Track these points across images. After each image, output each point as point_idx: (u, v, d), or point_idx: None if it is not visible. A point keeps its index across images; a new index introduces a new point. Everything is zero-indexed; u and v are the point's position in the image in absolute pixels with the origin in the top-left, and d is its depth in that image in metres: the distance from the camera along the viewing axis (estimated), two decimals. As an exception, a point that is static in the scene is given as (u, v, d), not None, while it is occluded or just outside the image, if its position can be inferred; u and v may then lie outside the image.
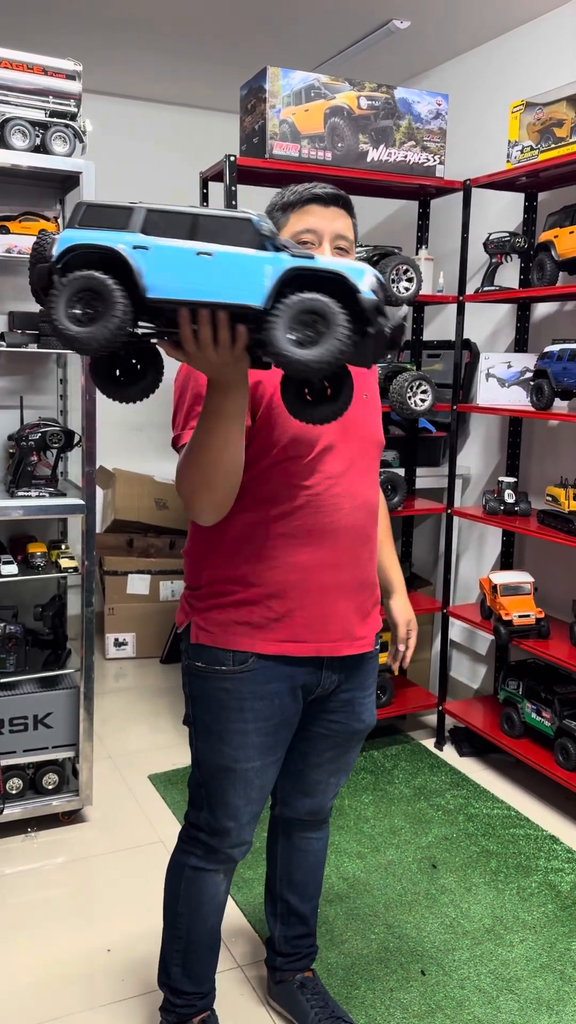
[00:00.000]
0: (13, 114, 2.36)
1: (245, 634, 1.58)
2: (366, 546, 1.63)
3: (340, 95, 2.92)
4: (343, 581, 1.59)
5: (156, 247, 1.14)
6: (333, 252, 1.53)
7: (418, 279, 3.03)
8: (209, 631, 1.61)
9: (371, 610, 1.68)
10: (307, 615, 1.57)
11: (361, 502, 1.59)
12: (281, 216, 1.55)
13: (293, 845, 1.91)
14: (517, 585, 3.04)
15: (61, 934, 2.25)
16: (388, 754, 3.28)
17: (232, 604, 1.58)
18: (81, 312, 1.13)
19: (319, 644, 1.60)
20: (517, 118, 2.91)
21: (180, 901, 1.76)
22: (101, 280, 1.12)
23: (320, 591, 1.57)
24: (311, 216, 1.52)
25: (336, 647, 1.61)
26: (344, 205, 1.55)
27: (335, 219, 1.53)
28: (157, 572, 4.26)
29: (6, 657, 2.59)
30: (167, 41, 3.59)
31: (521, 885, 2.49)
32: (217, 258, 1.14)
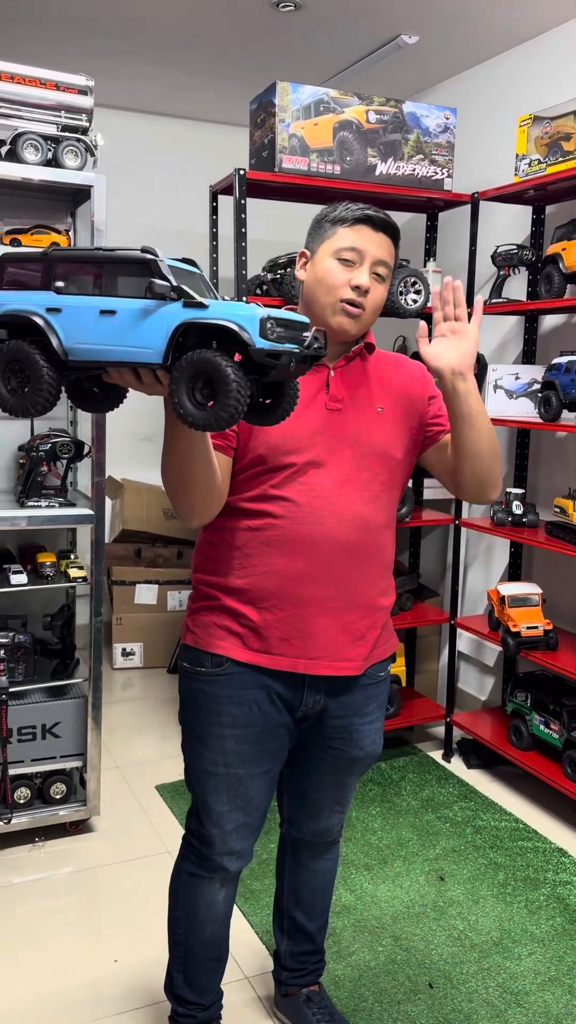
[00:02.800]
0: (26, 128, 2.39)
1: (223, 638, 1.60)
2: (358, 564, 1.58)
3: (349, 109, 2.94)
4: (324, 596, 1.56)
5: (68, 308, 1.18)
6: (371, 277, 1.53)
7: (426, 291, 3.05)
8: (193, 632, 1.65)
9: (365, 633, 1.62)
10: (285, 628, 1.56)
11: (351, 517, 1.55)
12: (329, 228, 1.56)
13: (301, 865, 1.91)
14: (525, 596, 3.04)
15: (68, 944, 2.25)
16: (395, 766, 3.28)
17: (215, 608, 1.61)
18: (16, 382, 1.20)
19: (295, 660, 1.57)
20: (525, 132, 2.93)
21: (178, 907, 1.77)
22: (25, 353, 1.18)
23: (298, 604, 1.55)
24: (358, 236, 1.53)
25: (314, 665, 1.58)
26: (392, 234, 1.57)
27: (380, 245, 1.54)
28: (165, 582, 4.27)
29: (15, 666, 2.60)
30: (177, 56, 3.62)
31: (529, 898, 2.48)
32: (119, 316, 1.16)
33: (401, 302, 3.00)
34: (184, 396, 1.16)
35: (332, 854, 1.92)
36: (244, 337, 1.14)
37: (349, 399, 1.59)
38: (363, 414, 1.59)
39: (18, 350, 1.18)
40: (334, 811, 1.81)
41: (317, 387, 1.58)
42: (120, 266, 1.17)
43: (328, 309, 1.54)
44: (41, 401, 1.19)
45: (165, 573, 4.28)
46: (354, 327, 1.56)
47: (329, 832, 1.85)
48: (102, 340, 1.17)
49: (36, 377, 1.18)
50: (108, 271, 1.18)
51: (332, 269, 1.53)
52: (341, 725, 1.68)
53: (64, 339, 1.18)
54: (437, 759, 3.34)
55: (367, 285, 1.53)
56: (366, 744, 1.72)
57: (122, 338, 1.17)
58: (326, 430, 1.55)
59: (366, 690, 1.68)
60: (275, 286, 3.04)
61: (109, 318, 1.17)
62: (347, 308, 1.53)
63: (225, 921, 1.80)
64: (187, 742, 1.69)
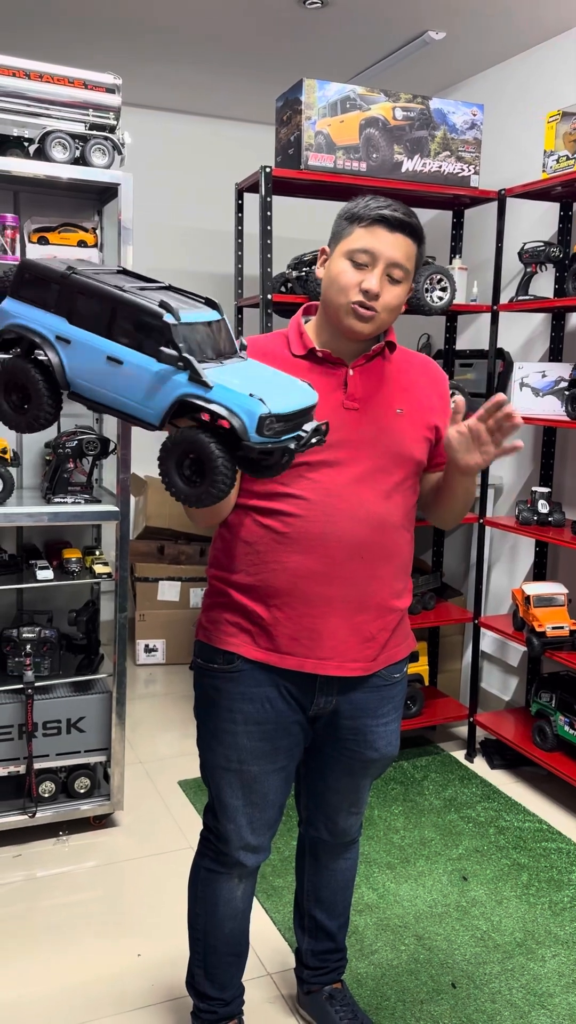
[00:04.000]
0: (54, 127, 2.40)
1: (234, 635, 1.60)
2: (371, 564, 1.56)
3: (375, 106, 2.93)
4: (335, 596, 1.55)
5: (76, 341, 1.17)
6: (384, 279, 1.50)
7: (452, 288, 3.03)
8: (206, 628, 1.65)
9: (376, 635, 1.60)
10: (294, 627, 1.55)
11: (365, 517, 1.54)
12: (347, 226, 1.53)
13: (320, 864, 1.90)
14: (550, 596, 3.02)
15: (91, 937, 2.27)
16: (418, 765, 3.27)
17: (226, 605, 1.61)
18: (16, 398, 1.21)
19: (304, 659, 1.56)
20: (553, 128, 2.90)
21: (197, 902, 1.78)
22: (30, 376, 1.19)
23: (309, 603, 1.54)
24: (372, 237, 1.49)
25: (323, 665, 1.57)
26: (411, 233, 1.51)
27: (396, 246, 1.49)
28: (187, 579, 4.29)
29: (41, 661, 2.62)
30: (204, 54, 3.63)
31: (553, 899, 2.46)
32: (125, 368, 1.15)
33: (427, 299, 2.99)
34: (172, 470, 1.16)
35: (351, 853, 1.91)
36: (239, 432, 1.13)
37: (367, 399, 1.57)
38: (382, 415, 1.57)
39: (21, 371, 1.19)
40: (350, 812, 1.80)
41: (335, 386, 1.56)
42: (136, 314, 1.15)
43: (341, 310, 1.53)
44: (40, 422, 1.22)
45: (188, 570, 4.30)
46: (366, 328, 1.53)
47: (347, 832, 1.84)
48: (104, 385, 1.17)
49: (36, 399, 1.20)
50: (123, 313, 1.15)
51: (344, 270, 1.51)
52: (354, 726, 1.66)
53: (68, 370, 1.18)
54: (460, 759, 3.33)
55: (376, 290, 1.49)
56: (381, 746, 1.70)
57: (123, 389, 1.16)
58: (342, 429, 1.52)
59: (379, 691, 1.66)
60: (300, 283, 3.04)
61: (115, 366, 1.16)
62: (358, 311, 1.51)
63: (244, 916, 1.80)
64: (201, 738, 1.69)
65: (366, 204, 1.51)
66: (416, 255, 1.54)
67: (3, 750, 2.58)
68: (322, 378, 1.54)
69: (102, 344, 1.16)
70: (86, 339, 1.17)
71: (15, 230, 2.48)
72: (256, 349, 1.58)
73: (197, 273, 4.57)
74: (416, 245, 1.53)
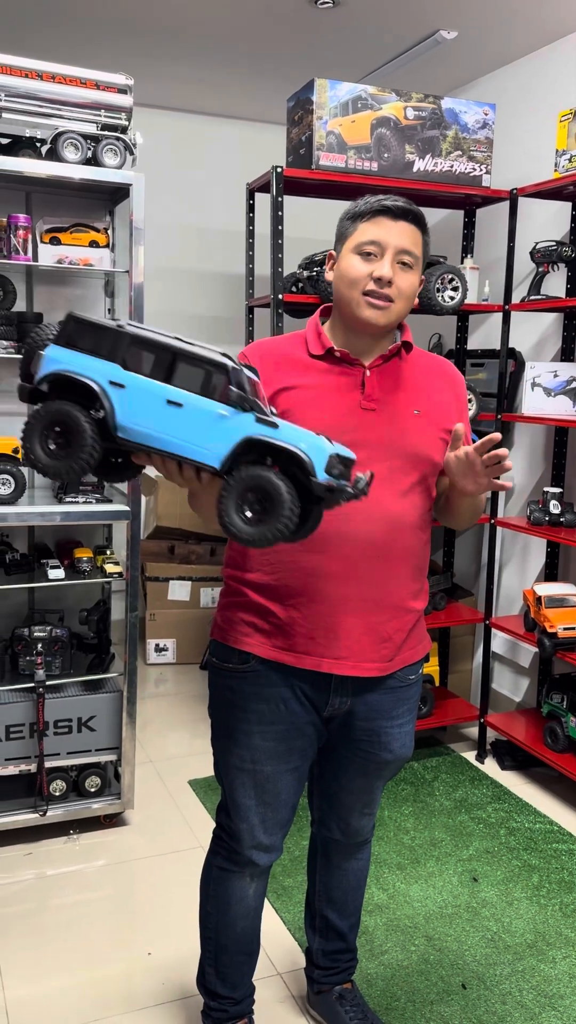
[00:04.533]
0: (66, 128, 2.41)
1: (249, 635, 1.60)
2: (387, 564, 1.56)
3: (387, 106, 2.93)
4: (351, 595, 1.55)
5: (132, 386, 1.17)
6: (395, 266, 1.50)
7: (463, 288, 3.02)
8: (221, 627, 1.66)
9: (392, 635, 1.60)
10: (310, 627, 1.55)
11: (381, 517, 1.53)
12: (350, 225, 1.54)
13: (332, 864, 1.90)
14: (562, 597, 3.01)
15: (102, 936, 2.27)
16: (428, 766, 3.26)
17: (242, 604, 1.62)
18: (54, 444, 1.18)
19: (320, 659, 1.56)
20: (565, 127, 2.89)
21: (209, 901, 1.79)
22: (74, 418, 1.16)
23: (324, 602, 1.54)
24: (377, 228, 1.50)
25: (339, 665, 1.57)
26: (414, 220, 1.52)
27: (402, 234, 1.51)
28: (198, 579, 4.29)
29: (52, 660, 2.63)
30: (215, 54, 3.63)
31: (564, 901, 2.45)
32: (186, 410, 1.16)
33: (438, 299, 2.99)
34: (232, 508, 1.16)
35: (363, 854, 1.91)
36: (309, 468, 1.16)
37: (385, 400, 1.57)
38: (399, 415, 1.57)
39: (67, 414, 1.17)
40: (363, 813, 1.80)
41: (352, 386, 1.56)
42: (198, 362, 1.17)
43: (353, 303, 1.52)
44: (78, 468, 1.18)
45: (198, 570, 4.30)
46: (383, 318, 1.52)
47: (359, 833, 1.84)
48: (161, 429, 1.17)
49: (80, 444, 1.16)
50: (185, 361, 1.17)
51: (354, 263, 1.52)
52: (369, 728, 1.66)
53: (119, 415, 1.17)
54: (470, 760, 3.32)
55: (389, 275, 1.49)
56: (395, 747, 1.70)
57: (183, 432, 1.17)
58: (359, 430, 1.52)
59: (395, 693, 1.66)
60: (311, 283, 3.04)
61: (175, 409, 1.16)
62: (371, 300, 1.51)
63: (256, 915, 1.81)
64: (215, 737, 1.70)
65: (366, 201, 1.53)
66: (422, 243, 1.55)
67: (14, 749, 2.59)
68: (339, 378, 1.55)
69: (161, 389, 1.16)
70: (143, 384, 1.17)
71: (27, 230, 2.49)
72: (270, 353, 1.59)
73: (208, 273, 4.58)
74: (421, 232, 1.54)
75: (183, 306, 4.49)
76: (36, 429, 1.18)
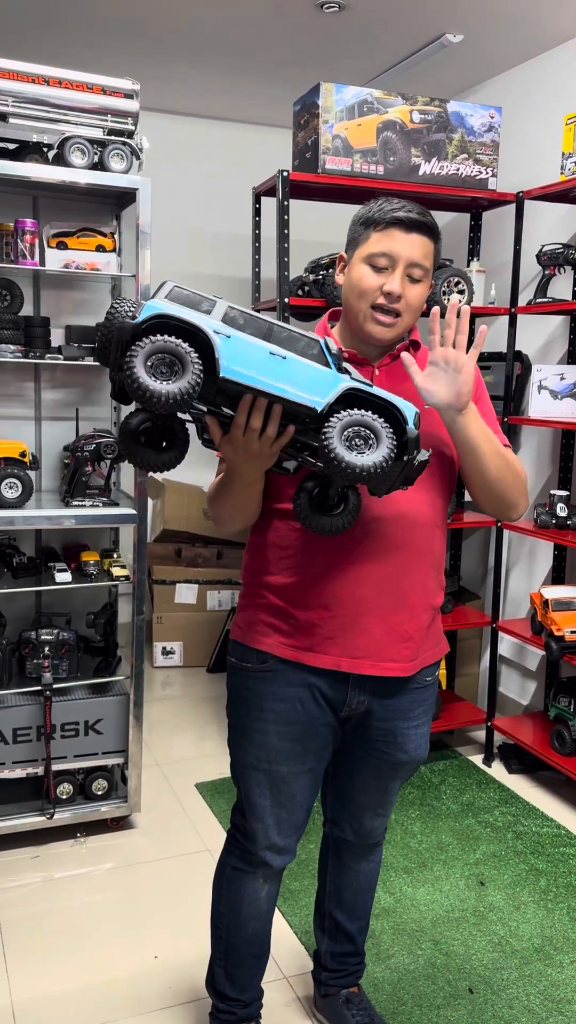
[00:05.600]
0: (73, 132, 2.42)
1: (268, 635, 1.61)
2: (404, 563, 1.56)
3: (393, 109, 2.93)
4: (367, 596, 1.55)
5: (236, 337, 1.25)
6: (405, 280, 1.50)
7: (470, 291, 3.02)
8: (240, 627, 1.67)
9: (412, 635, 1.59)
10: (329, 626, 1.56)
11: (395, 516, 1.53)
12: (362, 232, 1.53)
13: (343, 865, 1.90)
14: (569, 600, 3.00)
15: (109, 939, 2.27)
16: (435, 769, 3.25)
17: (261, 606, 1.63)
18: (157, 371, 1.22)
19: (339, 658, 1.57)
20: (571, 130, 2.89)
21: (221, 900, 1.79)
22: (181, 347, 1.21)
23: (343, 603, 1.55)
24: (390, 240, 1.49)
25: (357, 664, 1.57)
26: (427, 232, 1.51)
27: (414, 246, 1.50)
28: (204, 582, 4.29)
29: (59, 663, 2.63)
30: (221, 58, 3.64)
31: (571, 905, 2.44)
32: (288, 361, 1.27)
33: (444, 302, 2.98)
34: (338, 444, 1.26)
35: (375, 856, 1.91)
36: (403, 418, 1.31)
37: None
38: None
39: (175, 345, 1.21)
40: (377, 814, 1.80)
41: None
42: (291, 334, 1.30)
43: (361, 315, 1.53)
44: (181, 392, 1.20)
45: (205, 573, 4.30)
46: (390, 333, 1.53)
47: (372, 834, 1.84)
48: (264, 373, 1.25)
49: (185, 366, 1.21)
50: (280, 333, 1.28)
51: (365, 275, 1.51)
52: (386, 728, 1.67)
53: (224, 358, 1.24)
54: (478, 763, 3.31)
55: (399, 291, 1.49)
56: (411, 748, 1.70)
57: (288, 378, 1.27)
58: None
59: (412, 694, 1.66)
60: (317, 287, 3.05)
61: (278, 360, 1.26)
62: (378, 317, 1.51)
63: (267, 918, 1.81)
64: (232, 737, 1.71)
65: (380, 207, 1.51)
66: (433, 253, 1.54)
67: (21, 752, 2.59)
68: None
69: (263, 343, 1.26)
70: (247, 338, 1.26)
71: (34, 235, 2.50)
72: None
73: (215, 276, 4.59)
74: (433, 243, 1.54)
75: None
76: (140, 356, 1.21)
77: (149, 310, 1.23)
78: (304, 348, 1.29)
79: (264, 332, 1.27)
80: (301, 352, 1.28)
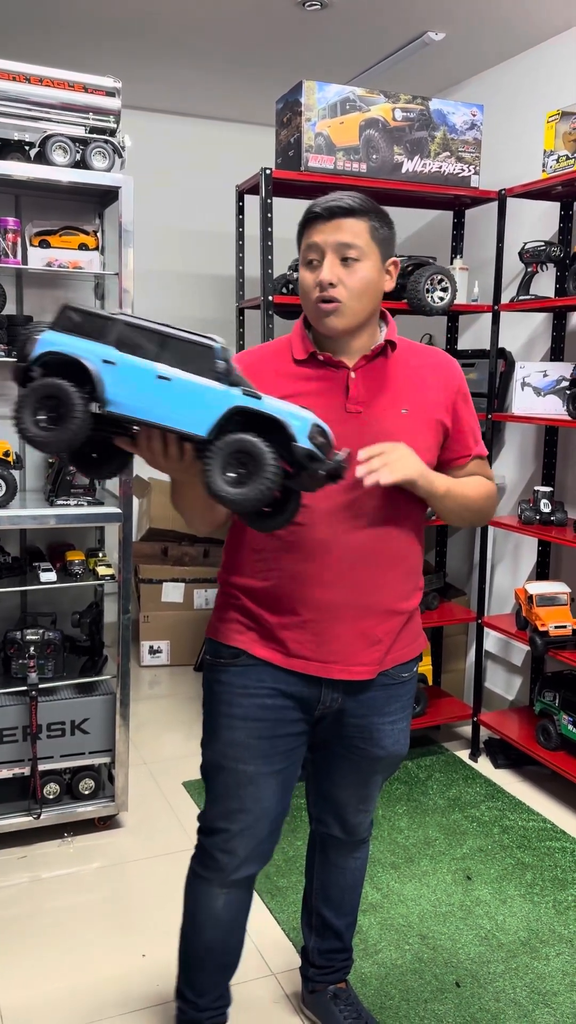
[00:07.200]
0: (54, 131, 2.41)
1: (242, 632, 1.62)
2: (376, 570, 1.55)
3: (375, 107, 2.94)
4: (340, 602, 1.54)
5: (122, 363, 1.22)
6: (336, 265, 1.49)
7: (453, 289, 3.03)
8: (215, 626, 1.68)
9: (383, 638, 1.60)
10: (299, 632, 1.56)
11: (369, 523, 1.53)
12: (299, 239, 1.56)
13: (330, 862, 1.90)
14: (553, 596, 3.02)
15: (96, 938, 2.27)
16: (422, 765, 3.27)
17: (235, 607, 1.63)
18: (45, 417, 1.23)
19: (308, 663, 1.57)
20: (553, 128, 2.91)
21: (185, 903, 1.78)
22: (65, 390, 1.21)
23: (314, 609, 1.55)
24: (314, 233, 1.51)
25: (328, 668, 1.57)
26: (350, 213, 1.48)
27: (337, 230, 1.49)
28: (191, 580, 4.29)
29: (45, 663, 2.62)
30: (203, 56, 3.64)
31: (557, 898, 2.46)
32: (174, 384, 1.22)
33: (428, 300, 3.00)
34: (217, 471, 1.22)
35: (361, 852, 1.91)
36: (291, 432, 1.23)
37: (371, 401, 1.54)
38: (386, 417, 1.54)
39: (58, 387, 1.21)
40: (359, 810, 1.80)
41: (337, 390, 1.54)
42: (186, 344, 1.23)
43: (312, 315, 1.54)
44: (67, 440, 1.22)
45: (191, 571, 4.30)
46: (339, 321, 1.51)
47: (357, 830, 1.84)
48: (149, 402, 1.22)
49: (70, 416, 1.21)
50: (173, 344, 1.23)
51: (304, 276, 1.53)
52: (361, 724, 1.66)
53: (109, 390, 1.22)
54: (464, 758, 3.33)
55: (327, 278, 1.48)
56: (388, 744, 1.70)
57: (172, 405, 1.22)
58: (346, 434, 1.48)
59: (387, 690, 1.66)
60: (301, 285, 3.05)
61: (164, 384, 1.22)
62: (322, 308, 1.50)
63: (231, 928, 1.76)
64: (203, 732, 1.70)
65: (306, 209, 1.53)
66: (369, 229, 1.50)
67: (7, 752, 2.59)
68: (323, 383, 1.55)
69: (151, 366, 1.22)
70: (134, 362, 1.22)
71: (16, 233, 2.49)
72: (254, 363, 1.57)
73: (198, 275, 4.58)
74: (365, 220, 1.50)
75: (173, 308, 4.49)
76: (28, 402, 1.22)
77: (41, 345, 1.23)
78: (197, 359, 1.23)
79: (157, 345, 1.23)
80: (194, 365, 1.23)
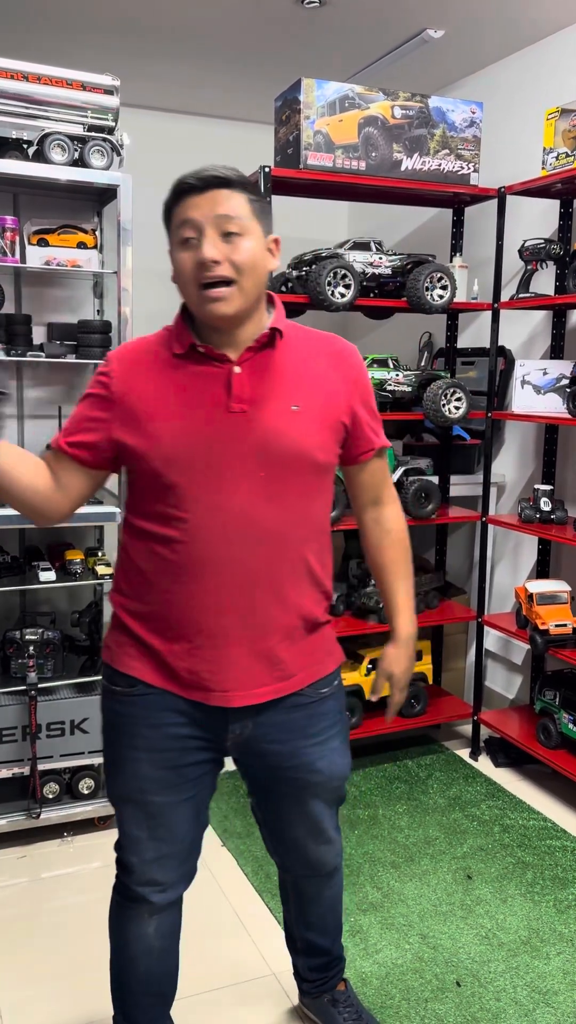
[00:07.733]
0: (53, 129, 2.40)
1: (135, 659, 1.48)
2: (272, 586, 1.42)
3: (374, 105, 2.93)
4: (231, 625, 1.41)
5: None
6: (218, 240, 1.33)
7: (452, 287, 3.03)
8: (109, 648, 1.54)
9: (284, 657, 1.47)
10: (192, 660, 1.44)
11: (259, 536, 1.39)
12: (167, 220, 1.39)
13: (304, 896, 1.80)
14: (553, 594, 3.02)
15: (96, 938, 2.26)
16: (422, 763, 3.27)
17: (127, 629, 1.50)
18: None
19: (207, 693, 1.45)
20: (552, 125, 2.90)
21: (111, 936, 1.68)
22: None
23: (204, 634, 1.42)
24: (187, 208, 1.34)
25: (228, 698, 1.44)
26: (226, 184, 1.34)
27: (216, 202, 1.33)
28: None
29: (44, 663, 2.62)
30: (202, 54, 3.63)
31: (558, 897, 2.46)
32: None
33: (427, 298, 2.99)
34: None
35: (335, 881, 1.79)
36: None
37: (257, 398, 1.39)
38: (274, 415, 1.39)
39: None
40: (318, 843, 1.67)
41: (218, 387, 1.39)
42: None
43: (194, 301, 1.37)
44: None
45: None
46: (229, 306, 1.35)
47: (322, 864, 1.71)
48: None
49: None
50: None
51: (181, 258, 1.36)
52: (285, 751, 1.54)
53: None
54: (464, 757, 3.33)
55: (213, 255, 1.32)
56: (321, 766, 1.57)
57: None
58: (228, 438, 1.37)
59: (306, 709, 1.53)
60: (300, 283, 3.04)
61: None
62: (209, 294, 1.33)
63: (163, 955, 1.66)
64: (105, 767, 1.58)
65: (175, 181, 1.38)
66: (249, 202, 1.36)
67: (7, 752, 2.58)
68: (205, 380, 1.39)
69: None
70: None
71: (15, 232, 2.49)
72: (130, 355, 1.47)
73: (198, 273, 4.57)
74: (243, 193, 1.36)
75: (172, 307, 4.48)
76: None
77: None
78: None
79: None
80: None
